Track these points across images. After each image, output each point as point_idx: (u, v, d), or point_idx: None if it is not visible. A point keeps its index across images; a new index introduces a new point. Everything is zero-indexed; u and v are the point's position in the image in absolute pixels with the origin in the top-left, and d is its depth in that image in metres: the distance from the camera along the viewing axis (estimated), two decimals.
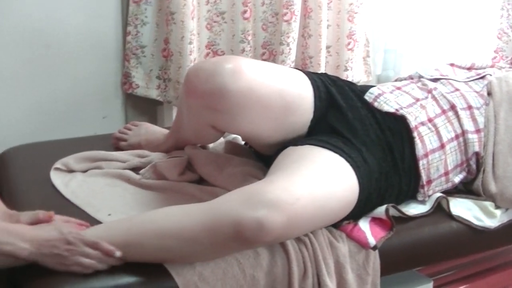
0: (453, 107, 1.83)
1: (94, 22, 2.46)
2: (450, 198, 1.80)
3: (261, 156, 1.88)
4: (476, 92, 1.91)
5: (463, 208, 1.79)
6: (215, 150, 1.97)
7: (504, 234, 1.83)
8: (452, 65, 2.10)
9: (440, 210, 1.78)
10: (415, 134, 1.75)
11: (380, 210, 1.68)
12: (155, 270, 1.40)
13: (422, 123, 1.77)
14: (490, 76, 1.99)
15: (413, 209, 1.76)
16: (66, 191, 1.79)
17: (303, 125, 1.74)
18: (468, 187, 1.89)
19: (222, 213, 1.40)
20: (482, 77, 1.99)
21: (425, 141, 1.76)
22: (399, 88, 1.88)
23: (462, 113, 1.83)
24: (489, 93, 1.93)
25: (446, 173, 1.80)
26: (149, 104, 2.64)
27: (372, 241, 1.61)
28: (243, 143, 2.02)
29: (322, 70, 2.75)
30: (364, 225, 1.65)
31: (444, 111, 1.82)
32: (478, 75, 2.00)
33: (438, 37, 3.10)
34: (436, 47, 3.09)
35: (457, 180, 1.85)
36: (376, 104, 1.78)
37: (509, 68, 2.26)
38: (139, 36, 2.50)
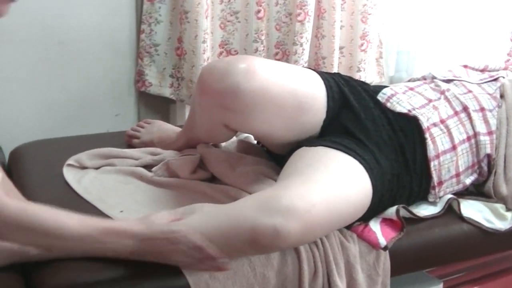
0: (466, 109, 1.83)
1: (108, 20, 2.47)
2: (461, 200, 1.80)
3: (273, 155, 1.88)
4: (489, 94, 1.91)
5: (474, 210, 1.79)
6: (227, 149, 1.97)
7: None
8: (466, 67, 2.09)
9: (451, 212, 1.78)
10: (427, 135, 1.75)
11: (391, 211, 1.68)
12: (166, 267, 1.40)
13: (435, 124, 1.77)
14: (503, 79, 1.99)
15: (424, 210, 1.76)
16: (79, 188, 1.79)
17: (316, 125, 1.75)
18: (479, 189, 1.89)
19: (239, 220, 1.39)
20: (495, 79, 1.98)
21: (437, 142, 1.75)
22: (412, 89, 1.88)
23: (475, 115, 1.83)
24: (502, 96, 1.92)
25: (457, 175, 1.80)
26: (162, 103, 2.64)
27: (383, 242, 1.61)
28: (255, 142, 2.02)
29: (335, 71, 2.75)
30: (375, 226, 1.65)
31: (457, 113, 1.82)
32: (491, 77, 1.99)
33: (451, 39, 3.09)
34: (449, 49, 3.09)
35: (468, 182, 1.84)
36: (389, 105, 1.78)
37: None
38: (153, 35, 2.51)
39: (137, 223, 1.38)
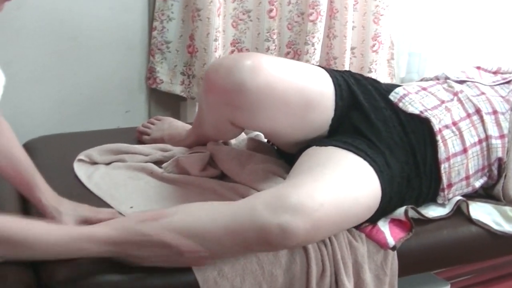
0: (479, 111, 1.82)
1: (121, 16, 2.47)
2: (470, 202, 1.79)
3: (283, 154, 1.89)
4: (502, 97, 1.90)
5: (483, 212, 1.79)
6: (238, 147, 1.98)
7: None
8: (479, 68, 2.08)
9: (460, 214, 1.78)
10: (439, 138, 1.74)
11: (399, 212, 1.68)
12: None
13: (446, 126, 1.76)
14: None
15: (433, 212, 1.75)
16: (89, 183, 1.80)
17: (324, 124, 1.74)
18: (489, 192, 1.88)
19: (246, 218, 1.39)
20: (508, 82, 1.97)
21: (448, 145, 1.75)
22: (425, 89, 1.87)
23: (487, 118, 1.82)
24: None
25: (467, 177, 1.79)
26: (173, 100, 2.65)
27: (391, 242, 1.61)
28: (266, 141, 2.02)
29: None
30: (384, 226, 1.65)
31: (469, 115, 1.81)
32: (504, 80, 1.98)
33: (463, 42, 3.09)
34: (461, 52, 3.08)
35: (478, 185, 1.84)
36: (401, 105, 1.77)
37: None
38: (165, 32, 2.51)
39: (106, 228, 1.38)
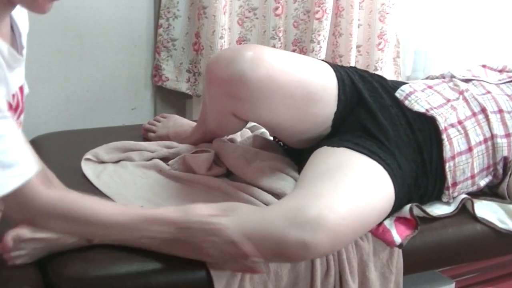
0: (484, 110, 1.81)
1: (127, 14, 2.48)
2: (475, 200, 1.79)
3: (289, 151, 1.89)
4: (508, 96, 1.89)
5: (488, 211, 1.79)
6: (243, 145, 1.98)
7: None
8: (484, 67, 2.07)
9: (465, 212, 1.78)
10: (444, 136, 1.74)
11: (405, 210, 1.69)
12: (182, 262, 1.42)
13: (452, 125, 1.76)
14: None
15: (438, 210, 1.76)
16: (98, 182, 1.81)
17: (326, 118, 1.73)
18: (494, 190, 1.88)
19: (267, 229, 1.37)
20: None
21: (454, 144, 1.75)
22: (431, 87, 1.86)
23: (493, 117, 1.81)
24: None
25: (472, 176, 1.79)
26: (178, 97, 2.65)
27: (398, 240, 1.62)
28: (271, 139, 2.02)
29: None
30: (390, 224, 1.65)
31: (475, 114, 1.81)
32: (510, 78, 1.97)
33: (469, 40, 3.08)
34: (467, 50, 3.08)
35: (483, 184, 1.84)
36: (407, 103, 1.77)
37: None
38: (171, 29, 2.52)
39: (176, 211, 1.37)
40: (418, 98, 1.78)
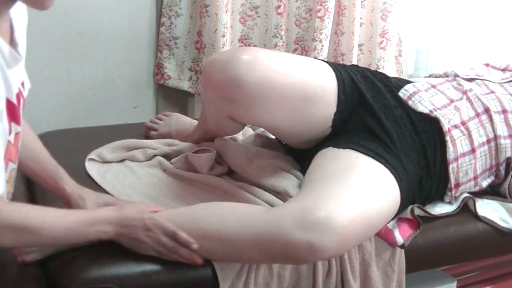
0: (487, 111, 1.80)
1: (129, 12, 2.48)
2: (477, 199, 1.79)
3: (291, 150, 1.88)
4: (511, 95, 1.89)
5: (490, 209, 1.79)
6: (245, 143, 1.98)
7: None
8: (487, 65, 2.07)
9: (466, 210, 1.78)
10: (448, 138, 1.73)
11: (406, 211, 1.68)
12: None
13: (455, 126, 1.75)
14: None
15: (439, 208, 1.75)
16: (103, 182, 1.81)
17: (326, 118, 1.71)
18: (495, 189, 1.88)
19: (274, 230, 1.36)
20: None
21: (457, 145, 1.74)
22: (434, 87, 1.84)
23: (496, 117, 1.80)
24: None
25: (475, 177, 1.79)
26: (180, 95, 2.65)
27: (400, 240, 1.62)
28: (273, 137, 2.02)
29: None
30: (392, 225, 1.65)
31: (478, 114, 1.80)
32: None
33: (471, 39, 3.08)
34: (469, 49, 3.08)
35: (485, 185, 1.84)
36: (410, 103, 1.75)
37: None
38: (173, 28, 2.52)
39: (113, 211, 1.41)
40: (422, 98, 1.77)
